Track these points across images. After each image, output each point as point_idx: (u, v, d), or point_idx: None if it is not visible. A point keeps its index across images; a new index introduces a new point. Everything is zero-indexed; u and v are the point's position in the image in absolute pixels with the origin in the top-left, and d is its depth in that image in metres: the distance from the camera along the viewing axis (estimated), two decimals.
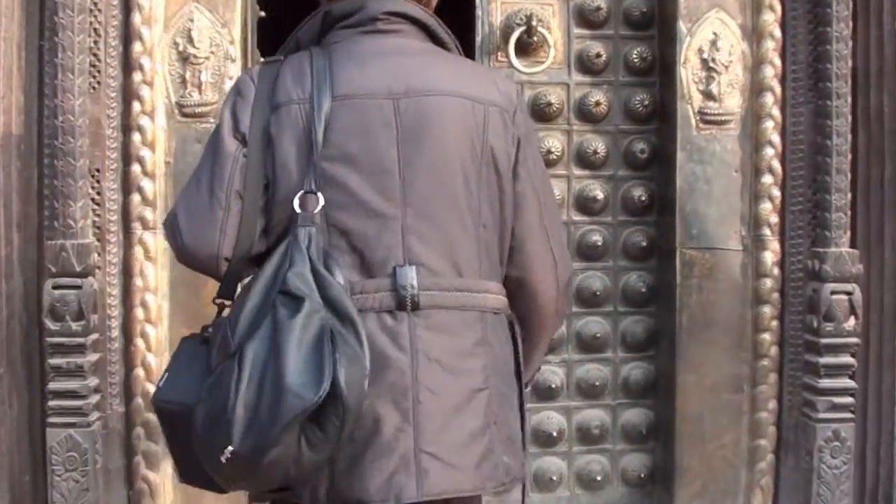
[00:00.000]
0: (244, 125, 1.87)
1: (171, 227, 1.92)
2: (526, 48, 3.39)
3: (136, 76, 3.12)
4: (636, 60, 3.48)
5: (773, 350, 3.33)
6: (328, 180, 1.82)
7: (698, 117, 3.33)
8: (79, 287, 3.01)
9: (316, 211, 1.81)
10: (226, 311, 1.91)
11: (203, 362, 1.85)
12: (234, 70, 3.18)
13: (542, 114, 3.44)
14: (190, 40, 3.15)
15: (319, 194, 1.81)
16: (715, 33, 3.33)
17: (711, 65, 3.32)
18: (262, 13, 3.45)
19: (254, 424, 1.66)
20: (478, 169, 1.89)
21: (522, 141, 1.97)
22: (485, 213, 1.91)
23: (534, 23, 3.32)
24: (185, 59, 3.15)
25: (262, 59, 2.11)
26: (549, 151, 3.43)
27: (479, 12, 3.42)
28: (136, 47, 3.12)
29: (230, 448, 1.67)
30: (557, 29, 3.46)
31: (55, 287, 3.01)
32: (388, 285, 1.82)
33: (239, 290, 1.91)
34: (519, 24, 3.37)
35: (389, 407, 1.79)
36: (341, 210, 1.83)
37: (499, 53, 3.42)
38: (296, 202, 1.82)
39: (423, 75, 1.90)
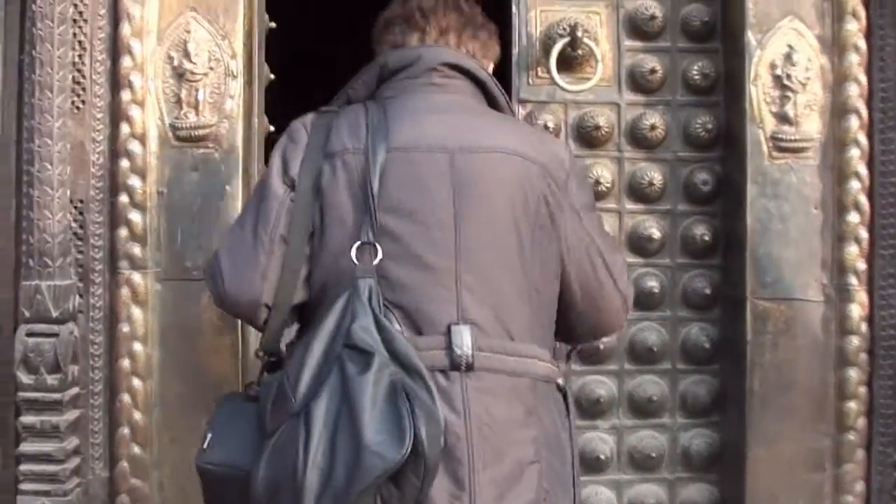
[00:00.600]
0: (294, 170, 1.86)
1: (213, 270, 1.90)
2: (570, 62, 2.97)
3: (126, 95, 2.76)
4: (697, 77, 3.04)
5: (861, 422, 2.87)
6: (382, 232, 1.79)
7: (771, 144, 2.88)
8: (56, 335, 2.66)
9: (375, 263, 1.77)
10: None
11: (251, 422, 1.82)
12: (236, 88, 2.79)
13: (588, 138, 3.01)
14: (186, 54, 2.78)
15: (378, 245, 1.78)
16: (789, 46, 2.87)
17: (786, 82, 2.87)
18: (272, 24, 3.07)
19: (328, 488, 1.62)
20: (531, 231, 1.87)
21: (575, 202, 1.95)
22: (537, 277, 1.88)
23: (579, 34, 2.89)
24: (180, 75, 2.78)
25: (320, 108, 2.01)
26: (598, 182, 2.99)
27: (515, 21, 3.01)
28: (126, 62, 2.75)
29: None
30: (606, 41, 3.02)
31: (29, 334, 2.65)
32: (441, 343, 1.78)
33: (284, 343, 1.91)
34: (562, 35, 2.95)
35: (443, 474, 1.72)
36: (394, 262, 1.80)
37: (539, 69, 3.00)
38: (353, 253, 1.79)
39: (477, 132, 1.90)
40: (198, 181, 2.78)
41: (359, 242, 1.79)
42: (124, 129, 2.76)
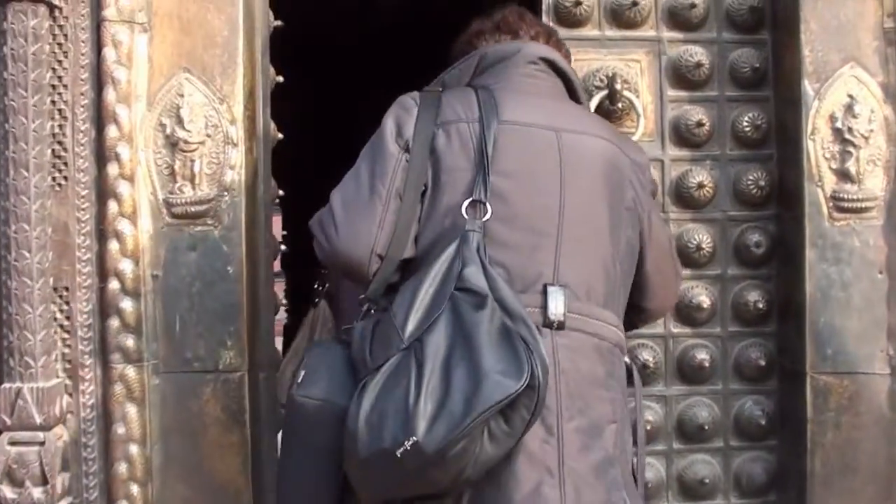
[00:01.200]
0: (408, 134, 1.93)
1: (324, 221, 1.94)
2: (608, 116, 2.67)
3: (113, 168, 2.45)
4: (747, 129, 2.76)
5: None
6: (494, 193, 1.88)
7: (831, 203, 2.60)
8: (41, 443, 2.38)
9: (485, 219, 1.86)
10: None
11: (343, 363, 1.87)
12: (237, 157, 2.49)
13: None
14: (179, 121, 2.47)
15: (488, 204, 1.86)
16: (850, 95, 2.60)
17: (847, 136, 2.59)
18: (280, 78, 2.75)
19: (442, 415, 1.66)
20: (620, 210, 2.00)
21: (651, 192, 2.15)
22: (621, 252, 2.00)
23: (617, 85, 2.60)
24: (173, 144, 2.47)
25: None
26: None
27: None
28: (112, 132, 2.44)
29: (413, 439, 1.65)
30: (647, 91, 2.73)
31: (12, 443, 2.38)
32: (537, 301, 1.86)
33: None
34: (599, 87, 2.67)
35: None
36: (501, 222, 1.88)
37: None
38: (464, 208, 1.87)
39: (576, 118, 2.06)
40: (196, 262, 2.49)
41: (471, 199, 1.86)
42: (112, 206, 2.45)
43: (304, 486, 1.91)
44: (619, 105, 2.65)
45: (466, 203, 1.86)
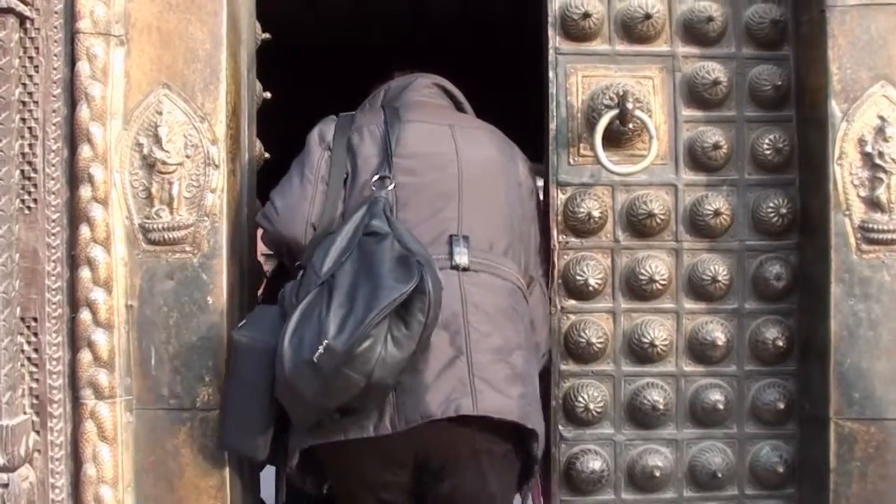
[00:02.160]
0: (328, 138, 2.33)
1: (266, 210, 2.29)
2: (618, 138, 2.50)
3: (85, 191, 2.30)
4: (768, 152, 2.57)
5: None
6: (401, 170, 2.26)
7: (859, 234, 2.41)
8: (5, 485, 2.25)
9: (390, 188, 2.23)
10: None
11: (277, 314, 2.17)
12: (218, 179, 2.33)
13: (640, 227, 2.53)
14: (157, 140, 2.31)
15: (391, 178, 2.24)
16: (881, 117, 2.42)
17: (878, 161, 2.41)
18: (267, 94, 2.59)
19: (347, 320, 1.98)
20: (514, 182, 2.38)
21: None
22: (516, 215, 2.36)
23: (629, 105, 2.41)
24: (150, 165, 2.32)
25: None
26: (652, 279, 2.51)
27: (553, 89, 2.53)
28: (85, 152, 2.29)
29: (325, 342, 1.97)
30: (660, 110, 2.55)
31: None
32: (445, 252, 2.21)
33: None
34: (608, 106, 2.48)
35: (445, 342, 2.11)
36: (411, 191, 2.25)
37: (581, 145, 2.53)
38: (373, 181, 2.24)
39: (467, 120, 2.49)
40: (174, 292, 2.33)
41: (378, 175, 2.25)
42: (84, 231, 2.30)
43: (244, 419, 2.22)
44: (630, 125, 2.46)
45: (375, 178, 2.24)
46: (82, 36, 2.28)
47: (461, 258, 2.19)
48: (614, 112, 2.43)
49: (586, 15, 2.48)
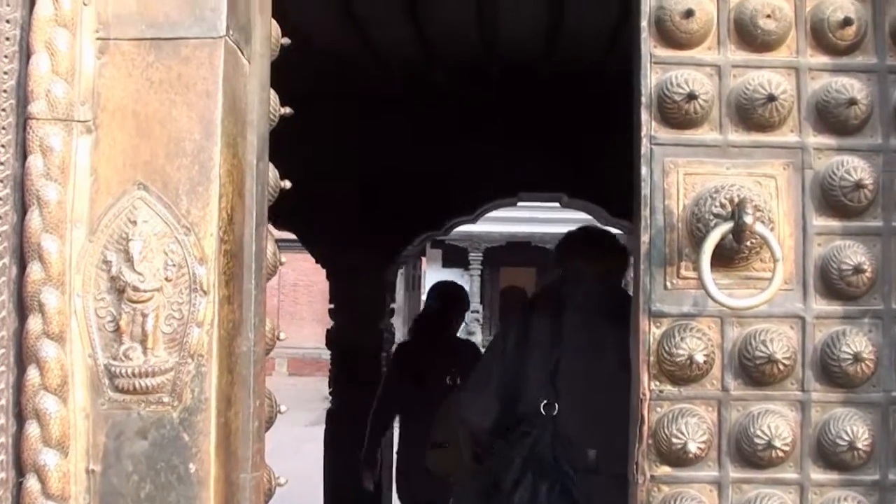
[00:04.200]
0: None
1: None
2: (730, 257, 1.91)
3: (35, 323, 1.77)
4: None
5: None
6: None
7: None
8: None
9: None
10: None
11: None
12: (207, 310, 1.78)
13: (756, 374, 1.93)
14: (129, 258, 1.77)
15: None
16: None
17: None
18: (286, 183, 2.05)
19: None
20: None
21: None
22: None
23: (748, 217, 1.82)
24: (120, 290, 1.78)
25: None
26: (770, 445, 1.91)
27: (645, 191, 1.95)
28: (35, 272, 1.76)
29: None
30: (785, 219, 1.95)
31: None
32: None
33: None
34: (719, 215, 1.89)
35: None
36: None
37: (682, 264, 1.93)
38: None
39: None
40: (148, 455, 1.78)
41: None
42: (33, 375, 1.76)
43: None
44: (749, 244, 1.88)
45: None
46: (35, 123, 1.75)
47: None
48: (727, 226, 1.84)
49: (692, 96, 1.90)
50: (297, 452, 11.60)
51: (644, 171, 1.94)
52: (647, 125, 1.94)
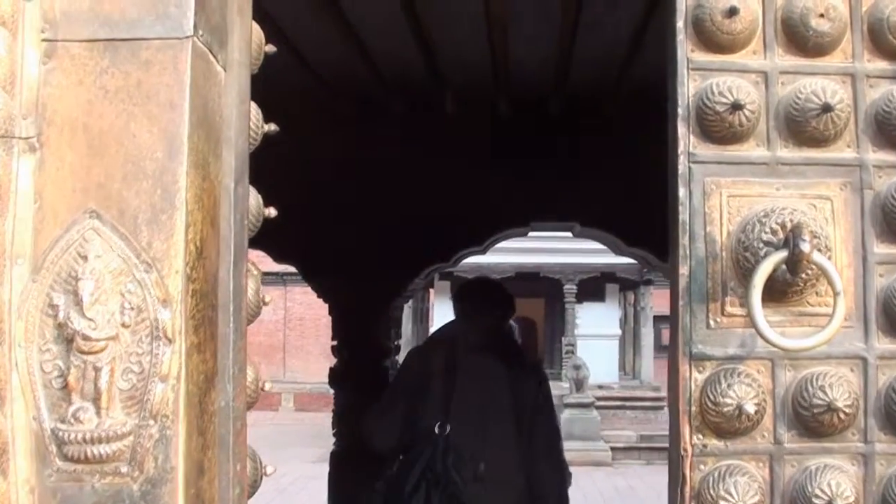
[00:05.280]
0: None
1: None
2: (782, 290, 1.65)
3: None
4: None
5: None
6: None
7: None
8: None
9: None
10: None
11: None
12: (172, 362, 1.49)
13: (813, 424, 1.67)
14: (78, 301, 1.48)
15: None
16: None
17: None
18: (272, 210, 1.77)
19: None
20: None
21: None
22: None
23: (804, 245, 1.57)
24: (68, 340, 1.48)
25: None
26: (830, 502, 1.65)
27: (683, 216, 1.68)
28: None
29: None
30: (842, 246, 1.70)
31: None
32: None
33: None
34: (769, 243, 1.63)
35: None
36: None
37: (727, 299, 1.67)
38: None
39: None
40: None
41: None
42: None
43: None
44: (804, 276, 1.62)
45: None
46: None
47: None
48: (781, 255, 1.59)
49: (737, 106, 1.64)
50: (303, 490, 11.17)
51: (682, 192, 1.67)
52: (685, 140, 1.68)
